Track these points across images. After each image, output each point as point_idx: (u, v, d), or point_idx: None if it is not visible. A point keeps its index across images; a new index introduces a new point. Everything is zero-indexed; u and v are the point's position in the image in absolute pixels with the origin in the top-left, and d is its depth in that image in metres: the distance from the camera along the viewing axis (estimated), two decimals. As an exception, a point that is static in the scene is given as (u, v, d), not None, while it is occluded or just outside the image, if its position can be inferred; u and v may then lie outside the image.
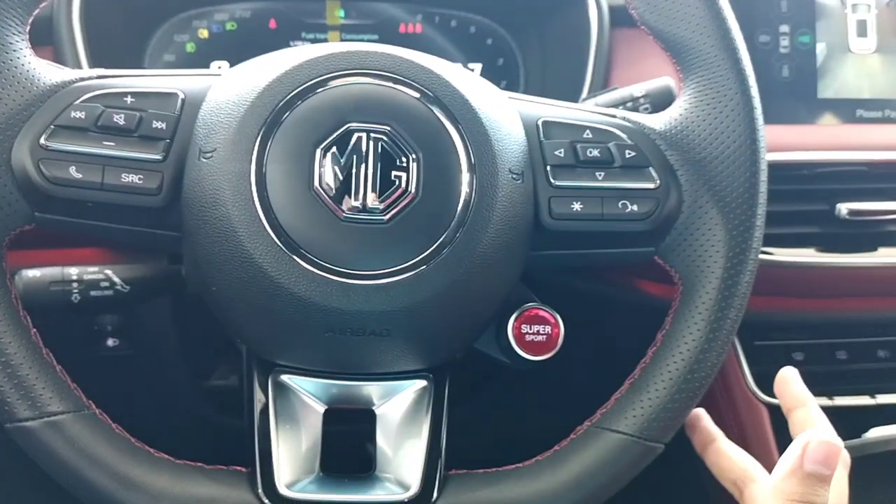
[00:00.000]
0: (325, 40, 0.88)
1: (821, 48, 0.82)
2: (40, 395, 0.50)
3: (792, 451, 0.56)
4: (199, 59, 0.86)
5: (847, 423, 0.81)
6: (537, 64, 0.89)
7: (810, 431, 0.58)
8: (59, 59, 0.77)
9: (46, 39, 0.77)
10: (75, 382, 0.52)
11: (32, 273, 0.63)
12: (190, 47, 0.86)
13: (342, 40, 0.88)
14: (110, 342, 0.81)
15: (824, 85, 0.82)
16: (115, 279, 0.64)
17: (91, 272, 0.64)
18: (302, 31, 0.88)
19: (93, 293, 0.64)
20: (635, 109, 0.68)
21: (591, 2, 0.82)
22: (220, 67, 0.86)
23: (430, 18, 0.89)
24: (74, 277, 0.63)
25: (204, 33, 0.86)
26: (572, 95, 0.82)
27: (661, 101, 0.68)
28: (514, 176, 0.52)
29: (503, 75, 0.90)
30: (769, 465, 0.80)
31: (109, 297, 0.65)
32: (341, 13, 0.88)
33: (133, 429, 0.54)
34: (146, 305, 0.74)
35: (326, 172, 0.49)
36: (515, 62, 0.90)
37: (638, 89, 0.69)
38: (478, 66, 0.90)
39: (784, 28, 0.81)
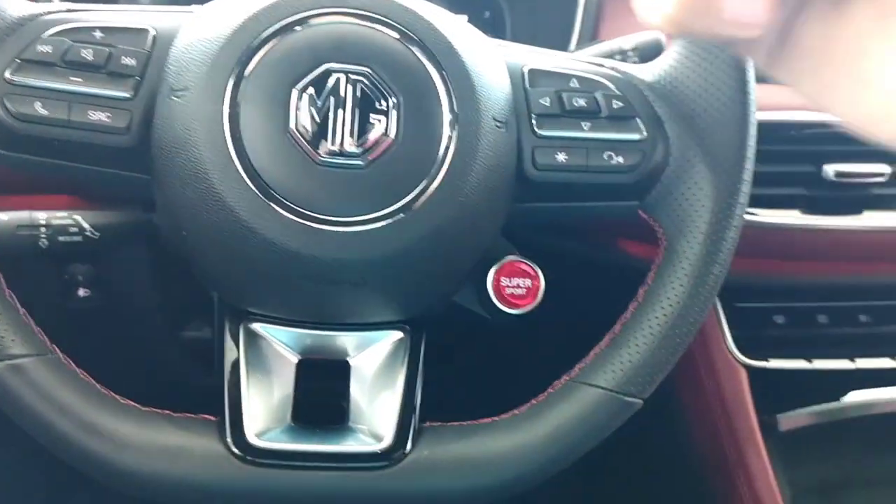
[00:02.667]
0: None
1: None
2: (2, 337, 0.48)
3: None
4: None
5: (826, 386, 0.81)
6: (524, 17, 0.87)
7: None
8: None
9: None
10: (46, 333, 0.50)
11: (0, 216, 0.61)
12: None
13: None
14: (81, 292, 0.79)
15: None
16: (84, 224, 0.62)
17: (59, 217, 0.62)
18: None
19: (61, 238, 0.62)
20: (623, 62, 0.66)
21: (580, -47, 0.80)
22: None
23: None
24: (42, 222, 0.61)
25: None
26: (559, 48, 0.81)
27: (650, 54, 0.66)
28: (498, 124, 0.51)
29: (489, 28, 0.87)
30: (748, 429, 0.80)
31: (78, 244, 0.63)
32: (324, -41, 0.85)
33: (103, 380, 0.52)
34: (119, 255, 0.72)
35: (303, 114, 0.47)
36: (502, 15, 0.88)
37: (627, 42, 0.67)
38: (462, 18, 0.88)
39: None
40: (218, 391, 0.55)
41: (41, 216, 0.62)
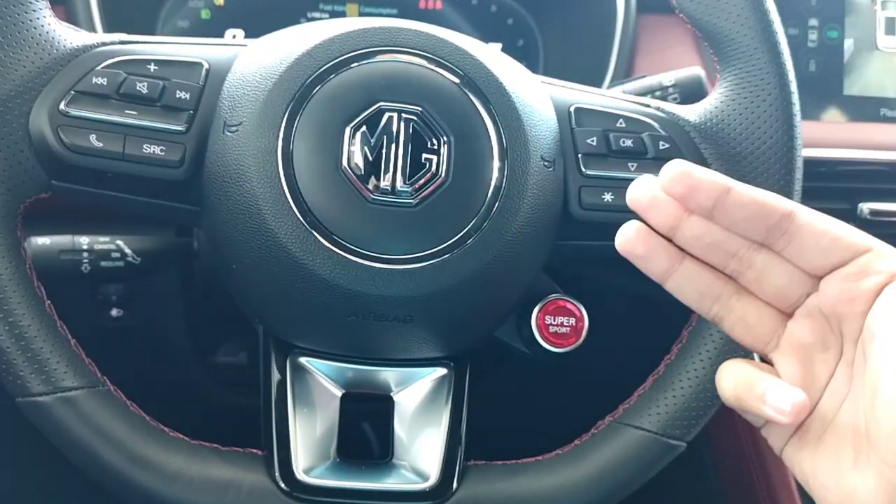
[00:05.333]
0: (344, 12, 0.86)
1: (848, 44, 0.80)
2: (54, 369, 0.48)
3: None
4: (214, 27, 0.84)
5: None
6: (558, 47, 0.88)
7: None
8: (71, 19, 0.75)
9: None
10: (79, 343, 0.50)
11: (42, 241, 0.61)
12: (205, 14, 0.84)
13: (360, 13, 0.86)
14: (114, 312, 0.80)
15: (850, 82, 0.80)
16: (127, 250, 0.63)
17: (102, 242, 0.62)
18: (320, 2, 0.86)
19: (103, 264, 0.62)
20: (664, 99, 0.67)
21: (618, -14, 0.81)
22: (234, 36, 0.84)
23: None
24: (85, 247, 0.62)
25: (220, 0, 0.84)
26: (593, 81, 0.81)
27: (690, 90, 0.67)
28: (546, 163, 0.51)
29: (522, 57, 0.88)
30: (779, 470, 0.80)
31: (120, 269, 0.63)
32: (361, -15, 0.86)
33: (137, 402, 0.52)
34: (153, 277, 0.72)
35: (355, 152, 0.47)
36: (536, 44, 0.88)
37: (667, 78, 0.68)
38: (496, 46, 0.88)
39: (813, 22, 0.80)
40: (248, 414, 0.55)
41: (84, 241, 0.63)
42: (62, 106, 0.48)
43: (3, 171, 0.47)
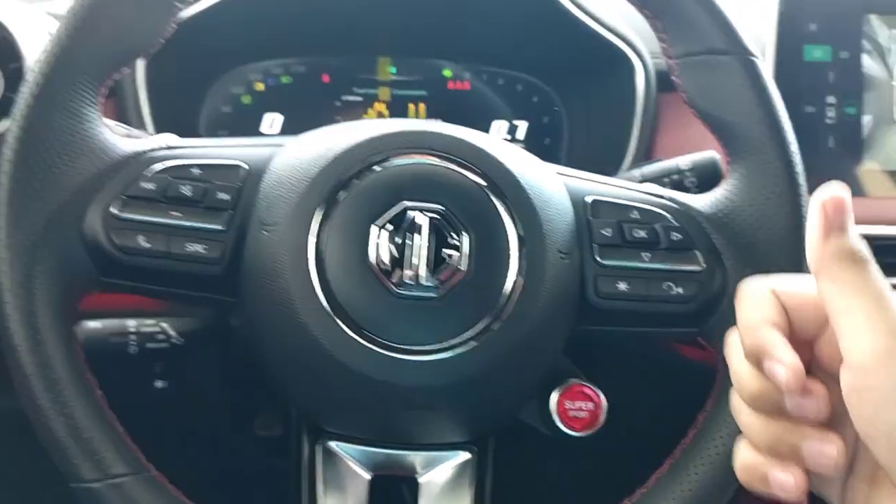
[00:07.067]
0: (376, 95, 0.90)
1: (867, 120, 0.82)
2: (104, 456, 0.51)
3: None
4: (254, 111, 0.89)
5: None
6: (582, 123, 0.91)
7: None
8: (121, 113, 0.80)
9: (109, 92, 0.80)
10: (126, 422, 0.54)
11: (93, 325, 0.65)
12: (246, 99, 0.89)
13: (392, 96, 0.90)
14: (159, 384, 0.84)
15: (869, 157, 0.82)
16: (171, 332, 0.67)
17: (148, 325, 0.66)
18: (353, 86, 0.90)
19: (149, 345, 0.66)
20: (680, 182, 0.69)
21: (638, 67, 0.84)
22: (273, 121, 0.88)
23: (479, 76, 0.91)
24: (132, 330, 0.66)
25: (260, 86, 0.89)
26: (616, 157, 0.84)
27: (706, 174, 0.69)
28: (562, 255, 0.53)
29: (547, 133, 0.91)
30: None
31: (164, 349, 0.67)
32: (393, 69, 0.90)
33: (178, 472, 0.55)
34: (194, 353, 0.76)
35: (382, 249, 0.50)
36: (560, 121, 0.92)
37: (684, 161, 0.70)
38: (523, 124, 0.92)
39: (831, 99, 0.81)
40: (282, 482, 0.57)
41: (131, 324, 0.67)
42: (114, 210, 0.52)
43: (59, 271, 0.52)
